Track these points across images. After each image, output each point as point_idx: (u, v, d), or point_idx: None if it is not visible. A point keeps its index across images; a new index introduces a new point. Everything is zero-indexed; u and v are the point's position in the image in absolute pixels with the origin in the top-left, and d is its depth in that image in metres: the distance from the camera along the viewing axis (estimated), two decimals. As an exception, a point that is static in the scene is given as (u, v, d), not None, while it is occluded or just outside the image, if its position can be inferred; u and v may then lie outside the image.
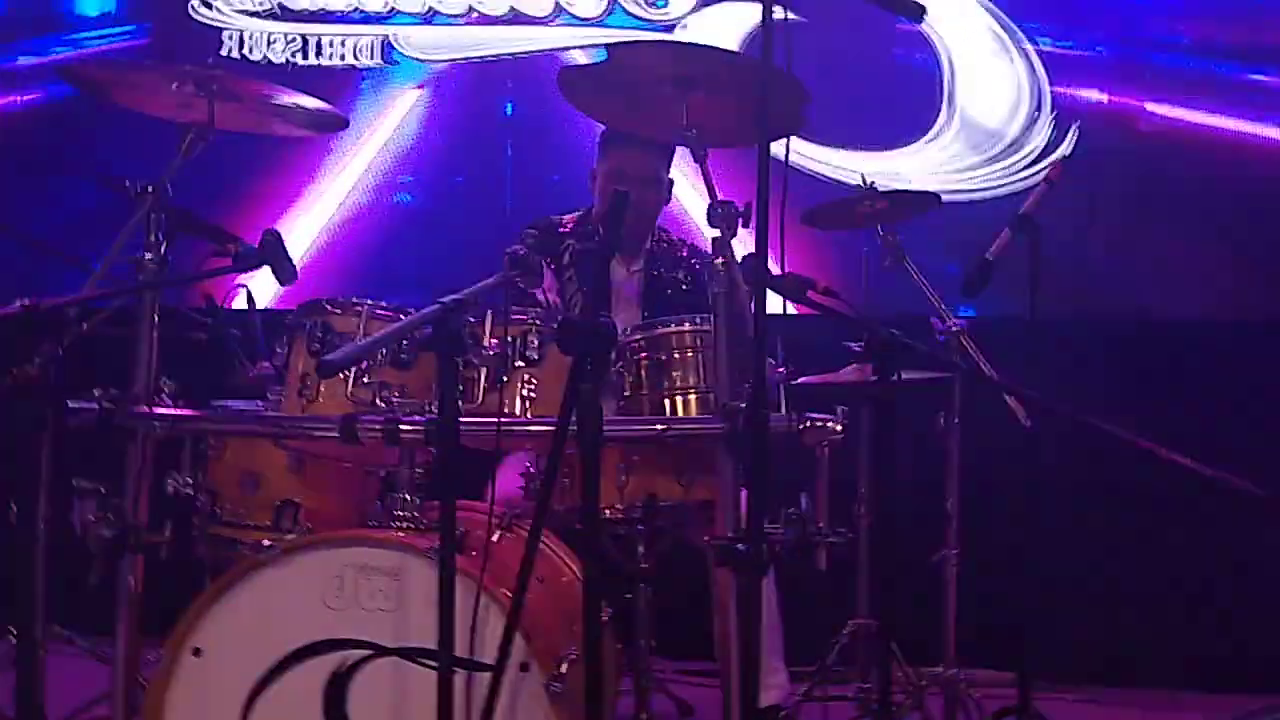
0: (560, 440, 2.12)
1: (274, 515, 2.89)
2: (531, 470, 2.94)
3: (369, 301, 2.70)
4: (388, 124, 4.59)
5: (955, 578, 3.12)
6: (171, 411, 2.59)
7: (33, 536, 2.54)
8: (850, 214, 3.26)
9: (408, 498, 2.59)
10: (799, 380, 2.89)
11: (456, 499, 2.23)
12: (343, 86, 4.55)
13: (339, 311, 2.69)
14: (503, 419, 2.44)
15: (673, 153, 3.49)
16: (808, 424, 2.76)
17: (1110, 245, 4.26)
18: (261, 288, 3.11)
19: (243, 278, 2.86)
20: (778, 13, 2.09)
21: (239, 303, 3.10)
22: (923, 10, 2.10)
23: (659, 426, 2.67)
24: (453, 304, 2.11)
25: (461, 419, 2.23)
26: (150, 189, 2.69)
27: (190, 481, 2.80)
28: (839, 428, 2.78)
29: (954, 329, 2.97)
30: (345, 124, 3.13)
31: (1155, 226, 4.27)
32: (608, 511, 2.85)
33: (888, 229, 3.21)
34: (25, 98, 4.69)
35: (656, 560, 2.98)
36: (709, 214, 2.57)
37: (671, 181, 3.55)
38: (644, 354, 2.77)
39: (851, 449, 2.92)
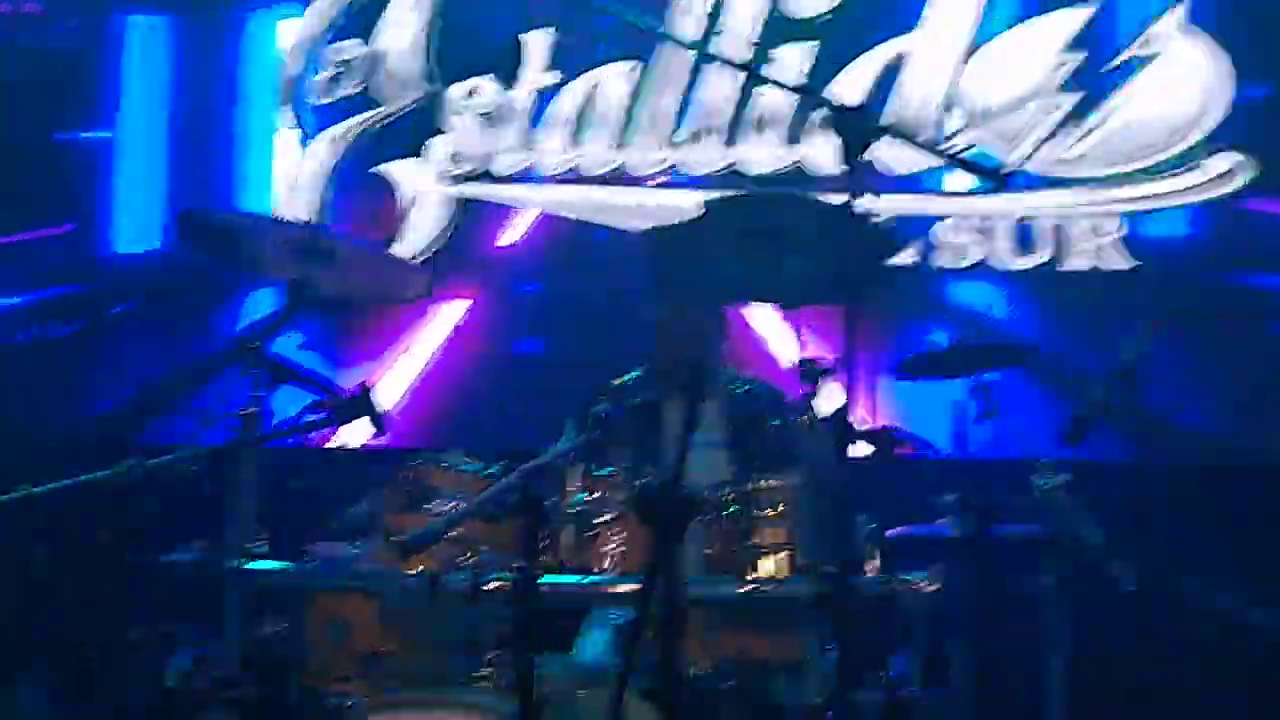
0: (645, 609, 2.10)
1: (362, 665, 2.90)
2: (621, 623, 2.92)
3: (460, 457, 2.75)
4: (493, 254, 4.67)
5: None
6: (260, 568, 2.64)
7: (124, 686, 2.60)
8: (943, 365, 3.22)
9: (491, 655, 2.59)
10: (889, 533, 2.84)
11: (537, 658, 2.22)
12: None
13: (427, 466, 2.74)
14: (587, 577, 2.43)
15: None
16: (899, 584, 2.70)
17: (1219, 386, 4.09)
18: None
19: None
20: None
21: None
22: (1002, 177, 2.09)
23: (743, 589, 2.62)
24: (532, 470, 2.13)
25: (545, 578, 2.23)
26: (253, 343, 2.79)
27: (282, 628, 2.84)
28: (931, 587, 2.73)
29: (1053, 484, 2.88)
30: (428, 294, 3.21)
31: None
32: (693, 670, 2.80)
33: (980, 381, 3.15)
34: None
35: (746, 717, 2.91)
36: (798, 371, 2.56)
37: (729, 323, 3.53)
38: (730, 509, 2.75)
39: (949, 607, 2.82)
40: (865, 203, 2.03)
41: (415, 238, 4.66)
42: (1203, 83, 3.92)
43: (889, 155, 3.98)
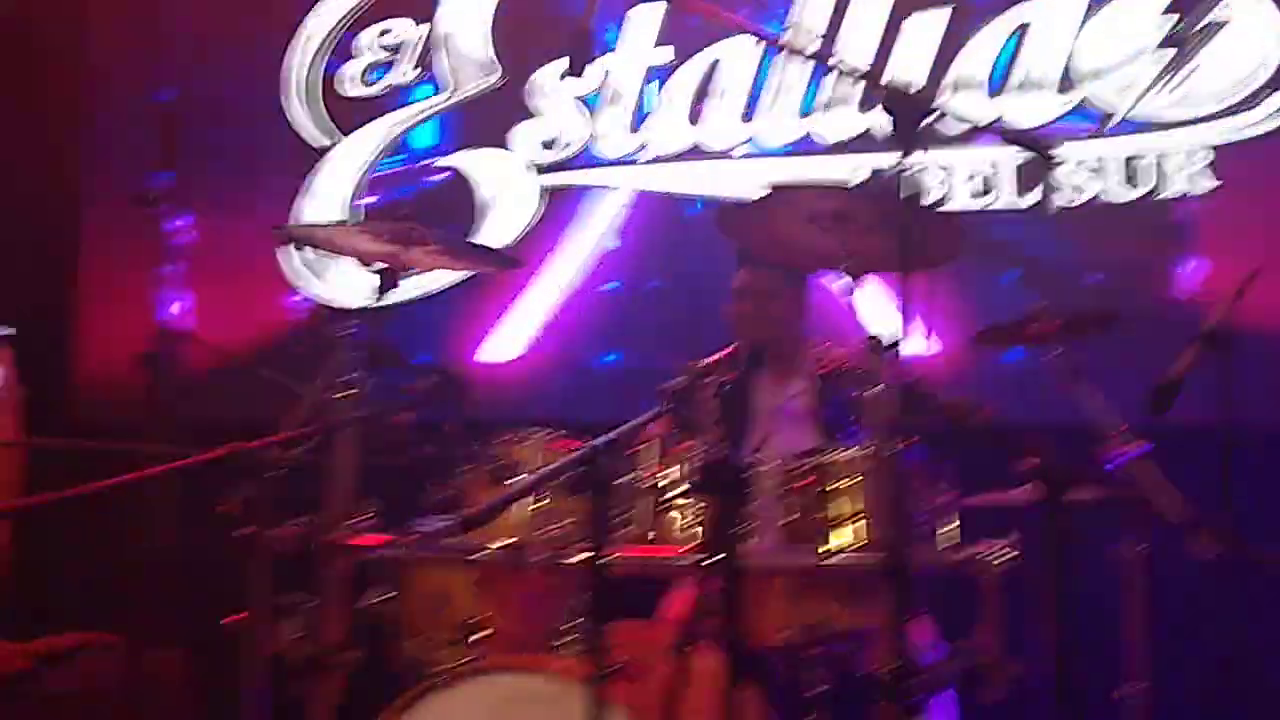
0: (704, 581, 2.18)
1: (460, 633, 3.04)
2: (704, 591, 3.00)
3: (541, 431, 2.87)
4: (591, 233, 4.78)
5: (1145, 712, 2.96)
6: (357, 542, 2.79)
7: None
8: (1021, 334, 3.21)
9: (579, 622, 2.70)
10: (966, 502, 2.86)
11: (616, 626, 2.33)
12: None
13: (512, 442, 2.86)
14: (658, 552, 2.52)
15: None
16: (975, 554, 2.73)
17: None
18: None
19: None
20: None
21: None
22: (1050, 154, 2.11)
23: (814, 560, 2.68)
24: (603, 445, 2.22)
25: (619, 552, 2.33)
26: (352, 327, 2.95)
27: (383, 598, 3.01)
28: (1007, 556, 2.75)
29: (1133, 455, 2.86)
30: (519, 264, 3.34)
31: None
32: (778, 638, 2.87)
33: (1062, 350, 3.12)
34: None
35: (829, 686, 2.97)
36: (864, 346, 2.60)
37: (806, 299, 3.61)
38: (808, 479, 2.81)
39: (1030, 573, 2.83)
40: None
41: (502, 228, 4.76)
42: (1266, 39, 4.34)
43: (1016, 110, 4.42)
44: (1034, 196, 4.39)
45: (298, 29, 4.96)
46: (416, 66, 4.88)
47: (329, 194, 4.93)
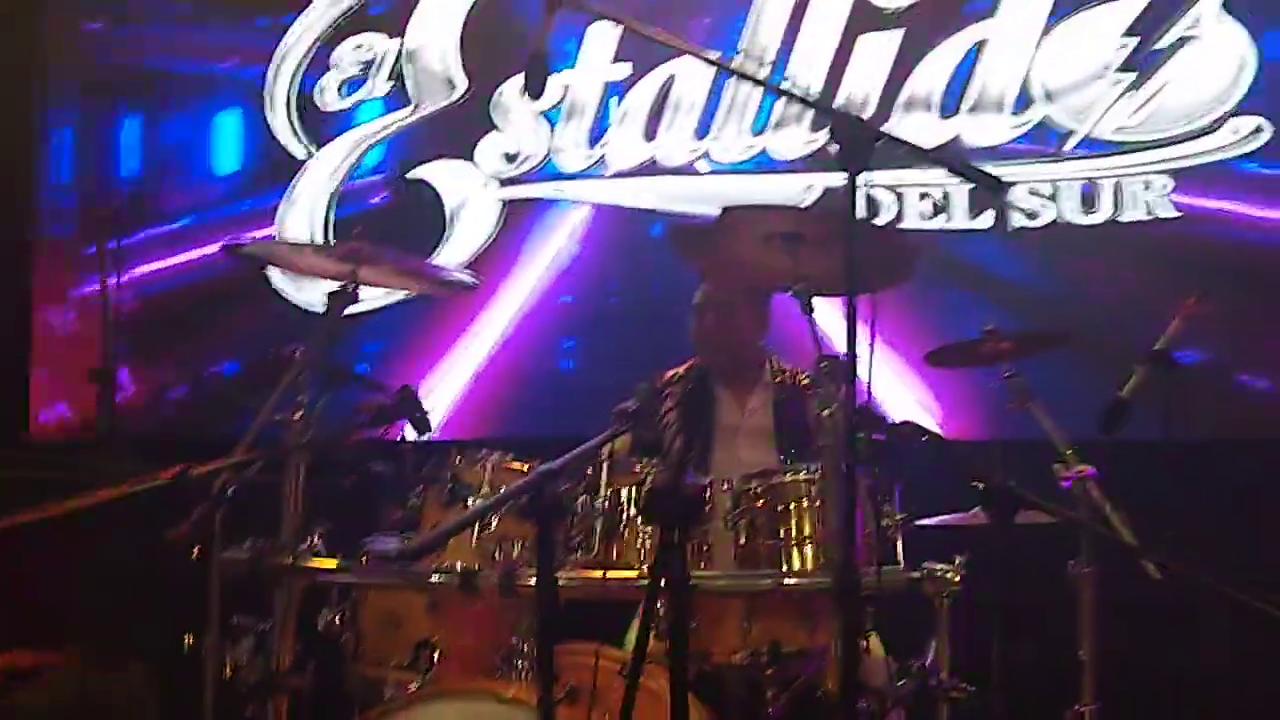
0: (651, 605, 2.18)
1: (413, 655, 3.03)
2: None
3: (495, 453, 2.86)
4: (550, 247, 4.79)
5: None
6: (308, 565, 2.78)
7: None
8: (973, 353, 3.23)
9: (530, 645, 2.70)
10: (916, 523, 2.88)
11: (567, 648, 2.33)
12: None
13: (466, 463, 2.85)
14: (607, 574, 2.52)
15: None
16: (924, 575, 2.75)
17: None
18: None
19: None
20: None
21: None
22: (1001, 185, 2.13)
23: (768, 581, 2.69)
24: (549, 473, 2.22)
25: (571, 574, 2.32)
26: (298, 351, 2.93)
27: (337, 619, 2.99)
28: (956, 578, 2.76)
29: (1081, 477, 2.89)
30: (473, 286, 3.33)
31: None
32: (734, 658, 2.88)
33: (1012, 370, 3.16)
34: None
35: (787, 705, 2.97)
36: (815, 367, 2.61)
37: (767, 315, 3.62)
38: (761, 501, 2.81)
39: (981, 593, 2.85)
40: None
41: (464, 241, 4.78)
42: (1233, 59, 4.29)
43: (970, 131, 4.41)
44: (988, 219, 4.40)
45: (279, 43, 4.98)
46: (390, 80, 4.90)
47: (306, 205, 4.94)
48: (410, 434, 3.00)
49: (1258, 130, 4.21)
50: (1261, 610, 2.17)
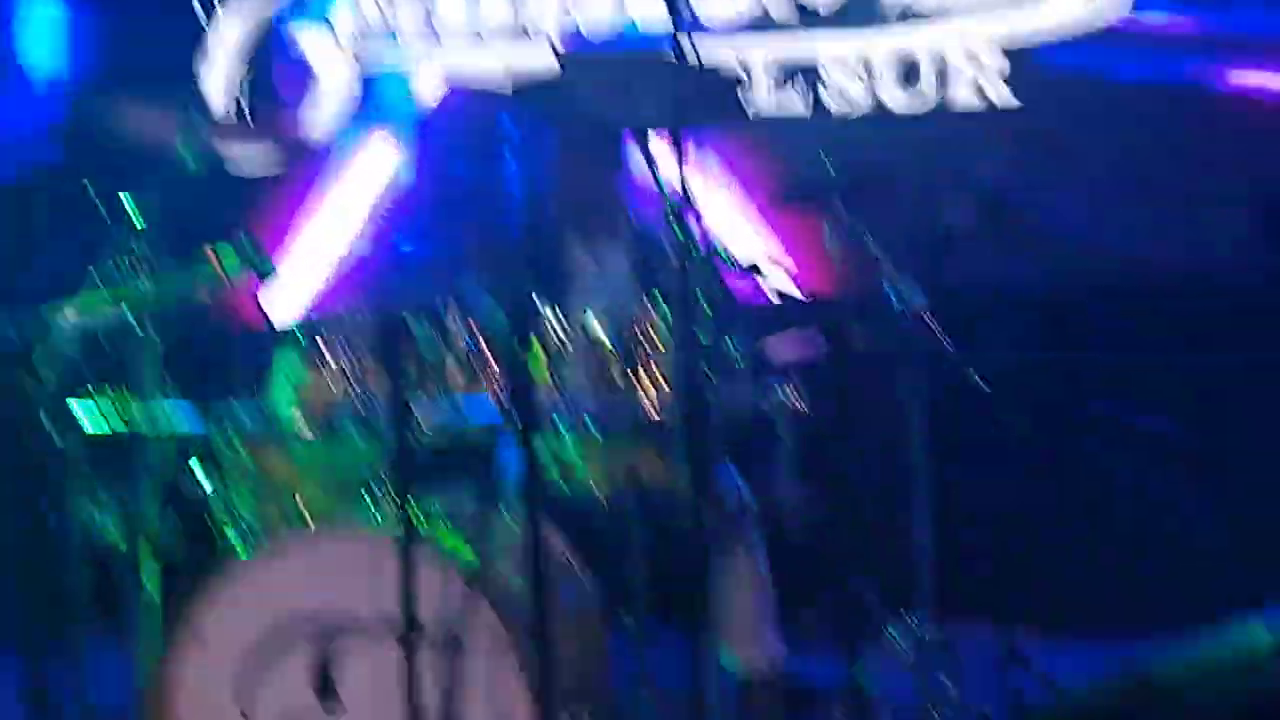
0: (501, 427, 2.27)
1: (279, 508, 3.07)
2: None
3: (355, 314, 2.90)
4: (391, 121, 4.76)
5: (928, 532, 3.24)
6: (170, 426, 2.80)
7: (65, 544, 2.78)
8: (810, 191, 3.33)
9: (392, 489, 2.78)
10: (767, 357, 3.03)
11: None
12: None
13: (325, 326, 2.89)
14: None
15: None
16: (772, 400, 2.91)
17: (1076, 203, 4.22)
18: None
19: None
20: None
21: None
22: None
23: (630, 414, 2.81)
24: (399, 318, 2.26)
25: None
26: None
27: (204, 483, 3.02)
28: (798, 401, 2.93)
29: (911, 307, 3.06)
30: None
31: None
32: (598, 494, 3.00)
33: (842, 209, 3.27)
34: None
35: (649, 537, 3.12)
36: (669, 208, 2.69)
37: (621, 160, 3.61)
38: (613, 340, 2.91)
39: (819, 421, 3.02)
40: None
41: (325, 108, 4.73)
42: None
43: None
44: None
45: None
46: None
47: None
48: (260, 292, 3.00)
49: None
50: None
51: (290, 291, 3.22)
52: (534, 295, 2.37)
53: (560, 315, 2.90)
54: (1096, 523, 4.22)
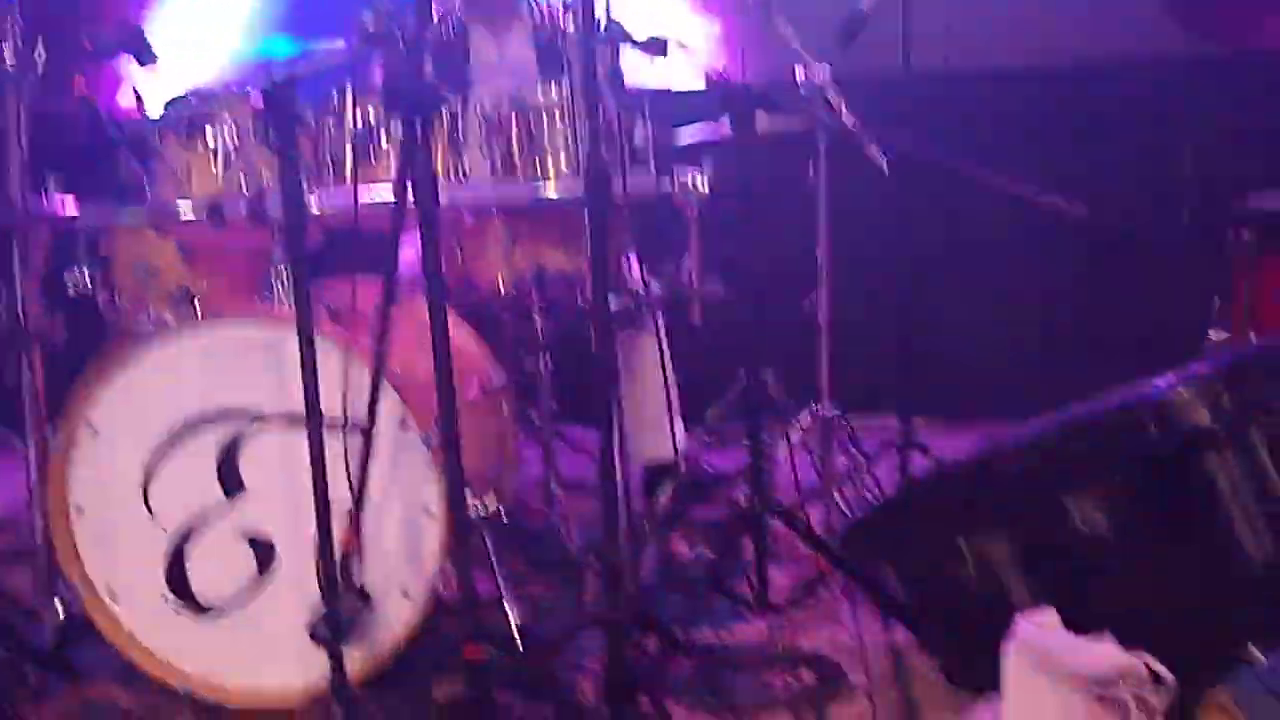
0: (399, 213, 2.19)
1: (170, 304, 2.98)
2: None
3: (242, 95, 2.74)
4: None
5: (828, 320, 3.27)
6: (44, 212, 2.66)
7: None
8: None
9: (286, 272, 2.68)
10: (669, 140, 2.96)
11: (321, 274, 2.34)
12: None
13: (200, 100, 2.74)
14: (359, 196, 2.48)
15: None
16: (674, 184, 2.85)
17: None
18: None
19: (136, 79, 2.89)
20: None
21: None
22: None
23: (527, 195, 2.74)
24: (282, 83, 2.13)
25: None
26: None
27: (87, 276, 2.90)
28: (705, 186, 2.88)
29: (817, 81, 2.99)
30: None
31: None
32: (500, 284, 2.95)
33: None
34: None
35: (554, 328, 3.10)
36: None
37: None
38: (515, 123, 2.82)
39: (727, 206, 2.98)
40: None
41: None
42: None
43: None
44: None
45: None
46: None
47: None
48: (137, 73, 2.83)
49: None
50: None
51: (172, 76, 3.02)
52: (434, 81, 2.24)
53: (461, 101, 2.80)
54: (997, 309, 4.33)
